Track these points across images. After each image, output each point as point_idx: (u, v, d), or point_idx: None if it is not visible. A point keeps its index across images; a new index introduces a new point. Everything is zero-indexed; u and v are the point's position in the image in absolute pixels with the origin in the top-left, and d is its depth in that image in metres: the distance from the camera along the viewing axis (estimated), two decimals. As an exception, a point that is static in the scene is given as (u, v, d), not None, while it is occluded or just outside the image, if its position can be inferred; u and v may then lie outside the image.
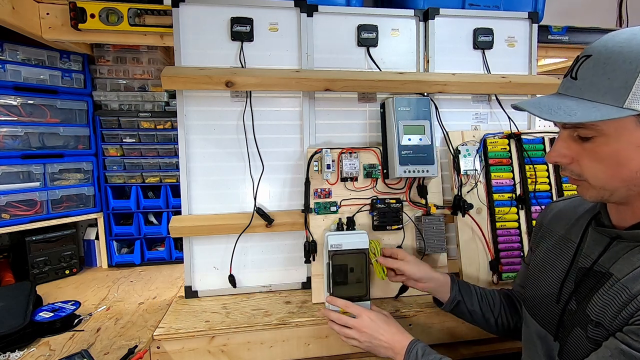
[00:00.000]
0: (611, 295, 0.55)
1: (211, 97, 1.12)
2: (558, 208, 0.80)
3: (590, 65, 0.54)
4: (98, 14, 1.17)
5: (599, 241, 0.63)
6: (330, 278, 0.97)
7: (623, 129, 0.52)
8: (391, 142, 1.08)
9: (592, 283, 0.60)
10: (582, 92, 0.55)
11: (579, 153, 0.57)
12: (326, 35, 1.17)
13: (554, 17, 1.46)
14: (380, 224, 1.09)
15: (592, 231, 0.66)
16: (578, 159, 0.58)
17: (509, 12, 1.27)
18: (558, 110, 0.55)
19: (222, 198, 1.14)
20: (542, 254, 0.76)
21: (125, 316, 1.03)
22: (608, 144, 0.54)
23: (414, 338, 0.80)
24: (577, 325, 0.60)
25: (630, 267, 0.54)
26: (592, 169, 0.56)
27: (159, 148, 1.45)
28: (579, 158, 0.57)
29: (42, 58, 1.31)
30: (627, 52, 0.51)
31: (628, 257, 0.56)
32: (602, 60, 0.53)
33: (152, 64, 1.43)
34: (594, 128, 0.54)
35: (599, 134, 0.54)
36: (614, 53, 0.52)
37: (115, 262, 1.45)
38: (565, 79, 0.59)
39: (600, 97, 0.52)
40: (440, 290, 0.91)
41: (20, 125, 1.25)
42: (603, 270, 0.59)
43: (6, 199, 1.22)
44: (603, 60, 0.53)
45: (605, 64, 0.52)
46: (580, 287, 0.63)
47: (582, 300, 0.61)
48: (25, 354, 0.85)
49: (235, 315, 1.01)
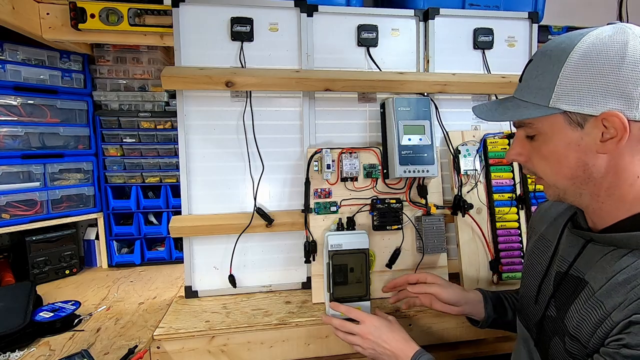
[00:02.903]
0: (587, 309, 0.55)
1: (211, 97, 1.12)
2: (544, 208, 0.80)
3: (529, 69, 0.58)
4: (98, 14, 1.17)
5: (573, 243, 0.63)
6: (330, 278, 0.97)
7: (555, 128, 0.55)
8: (391, 142, 1.08)
9: (570, 289, 0.60)
10: (522, 94, 0.59)
11: (530, 152, 0.61)
12: (326, 35, 1.17)
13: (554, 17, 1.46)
14: (380, 224, 1.09)
15: (568, 232, 0.66)
16: (530, 157, 0.61)
17: (509, 12, 1.27)
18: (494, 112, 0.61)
19: (222, 198, 1.14)
20: (528, 254, 0.77)
21: (125, 316, 1.03)
22: (547, 142, 0.57)
23: (420, 348, 0.77)
24: (556, 334, 0.60)
25: (604, 277, 0.54)
26: (540, 167, 0.60)
27: (159, 148, 1.45)
28: (531, 156, 0.61)
29: (42, 58, 1.31)
30: (554, 54, 0.54)
31: (602, 264, 0.56)
32: (537, 63, 0.57)
33: (152, 64, 1.43)
34: (533, 127, 0.57)
35: (538, 132, 0.57)
36: (544, 55, 0.56)
37: (115, 262, 1.45)
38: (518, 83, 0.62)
39: (532, 97, 0.56)
40: (474, 311, 0.87)
41: (20, 125, 1.25)
42: (580, 276, 0.59)
43: (6, 199, 1.22)
44: (537, 62, 0.57)
45: (538, 67, 0.56)
46: (558, 292, 0.62)
47: (561, 307, 0.61)
48: (25, 354, 0.85)
49: (235, 315, 1.01)
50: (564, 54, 0.52)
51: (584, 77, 0.51)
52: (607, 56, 0.50)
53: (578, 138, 0.54)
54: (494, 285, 1.13)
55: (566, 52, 0.52)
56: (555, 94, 0.53)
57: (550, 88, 0.53)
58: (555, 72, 0.53)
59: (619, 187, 0.55)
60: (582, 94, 0.51)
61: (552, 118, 0.54)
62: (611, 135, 0.51)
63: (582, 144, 0.54)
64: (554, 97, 0.53)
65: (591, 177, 0.55)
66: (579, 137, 0.53)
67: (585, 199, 0.58)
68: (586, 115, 0.52)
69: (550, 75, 0.53)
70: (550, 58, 0.54)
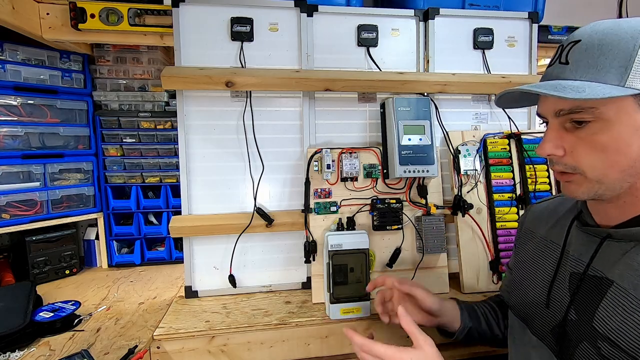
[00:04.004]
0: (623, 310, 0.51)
1: (211, 97, 1.12)
2: (538, 209, 0.77)
3: (582, 49, 0.52)
4: (98, 14, 1.17)
5: (586, 242, 0.60)
6: (330, 278, 0.97)
7: (623, 112, 0.50)
8: (391, 142, 1.08)
9: (591, 290, 0.56)
10: (579, 74, 0.52)
11: (574, 143, 0.54)
12: (326, 35, 1.17)
13: (554, 17, 1.46)
14: (380, 224, 1.09)
15: (577, 232, 0.63)
16: (572, 149, 0.54)
17: (509, 12, 1.27)
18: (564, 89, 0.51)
19: (222, 198, 1.14)
20: (525, 258, 0.74)
21: (125, 316, 1.03)
22: (606, 129, 0.51)
23: None
24: (583, 340, 0.55)
25: (635, 274, 0.51)
26: (589, 159, 0.53)
27: (159, 148, 1.45)
28: (574, 148, 0.54)
29: (42, 58, 1.31)
30: (621, 32, 0.50)
31: (626, 262, 0.52)
32: (596, 43, 0.51)
33: (152, 64, 1.43)
34: (594, 112, 0.51)
35: (597, 118, 0.51)
36: (606, 35, 0.51)
37: (115, 262, 1.45)
38: (553, 66, 0.56)
39: (602, 77, 0.50)
40: (450, 321, 0.81)
41: (20, 125, 1.25)
42: (600, 275, 0.56)
43: (6, 199, 1.22)
44: (597, 42, 0.51)
45: (601, 45, 0.51)
46: (577, 295, 0.58)
47: (584, 310, 0.56)
48: (25, 354, 0.85)
49: (235, 315, 1.01)
50: (635, 32, 0.49)
51: None
52: None
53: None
54: (494, 284, 1.13)
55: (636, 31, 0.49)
56: (633, 71, 0.48)
57: (625, 67, 0.48)
58: (630, 50, 0.48)
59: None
60: None
61: (621, 101, 0.49)
62: None
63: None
64: (631, 76, 0.48)
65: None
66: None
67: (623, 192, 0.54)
68: None
69: (624, 53, 0.49)
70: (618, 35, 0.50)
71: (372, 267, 1.10)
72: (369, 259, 1.01)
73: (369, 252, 1.01)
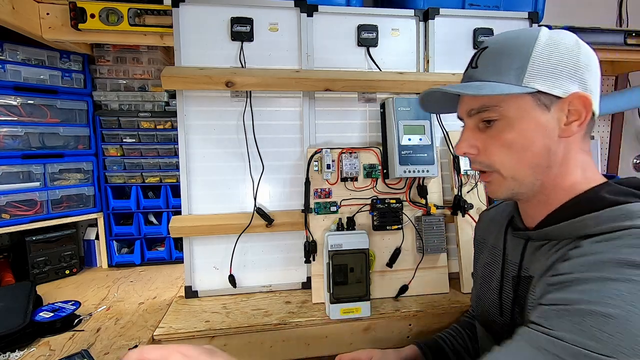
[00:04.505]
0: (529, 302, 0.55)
1: (211, 97, 1.12)
2: (488, 217, 0.79)
3: (489, 54, 0.58)
4: (98, 14, 1.17)
5: (516, 246, 0.64)
6: (330, 278, 0.97)
7: (523, 110, 0.55)
8: (391, 142, 1.08)
9: (525, 291, 0.59)
10: (486, 76, 0.57)
11: (485, 142, 0.58)
12: (326, 35, 1.17)
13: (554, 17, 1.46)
14: (380, 224, 1.09)
15: (510, 236, 0.67)
16: (485, 148, 0.59)
17: (509, 12, 1.27)
18: (465, 87, 0.57)
19: (222, 198, 1.14)
20: (480, 267, 0.75)
21: (125, 316, 1.03)
22: (512, 127, 0.55)
23: None
24: None
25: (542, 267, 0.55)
26: (499, 156, 0.57)
27: (159, 148, 1.45)
28: (486, 147, 0.58)
29: (42, 58, 1.31)
30: (520, 38, 0.55)
31: (538, 258, 0.57)
32: (500, 48, 0.57)
33: (152, 64, 1.43)
34: (498, 110, 0.56)
35: (502, 116, 0.56)
36: (509, 40, 0.57)
37: (115, 262, 1.45)
38: (467, 71, 0.61)
39: (502, 77, 0.55)
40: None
41: (20, 125, 1.25)
42: (528, 275, 0.59)
43: (6, 199, 1.22)
44: (500, 47, 0.57)
45: (503, 49, 0.56)
46: (517, 298, 0.61)
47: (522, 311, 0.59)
48: (25, 354, 0.85)
49: (235, 315, 1.01)
50: (531, 37, 0.55)
51: (553, 59, 0.53)
52: (567, 45, 0.54)
53: (545, 121, 0.54)
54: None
55: (532, 36, 0.55)
56: (528, 73, 0.53)
57: (522, 68, 0.54)
58: (526, 53, 0.54)
59: (562, 177, 0.56)
60: (553, 75, 0.53)
61: (521, 100, 0.54)
62: (574, 117, 0.54)
63: (548, 128, 0.54)
64: (527, 76, 0.53)
65: (550, 164, 0.56)
66: (546, 120, 0.54)
67: (536, 191, 0.58)
68: (553, 97, 0.54)
69: (521, 56, 0.54)
70: (516, 41, 0.55)
71: (372, 267, 1.10)
72: (369, 259, 1.01)
73: (369, 252, 1.01)
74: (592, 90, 0.54)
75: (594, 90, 0.55)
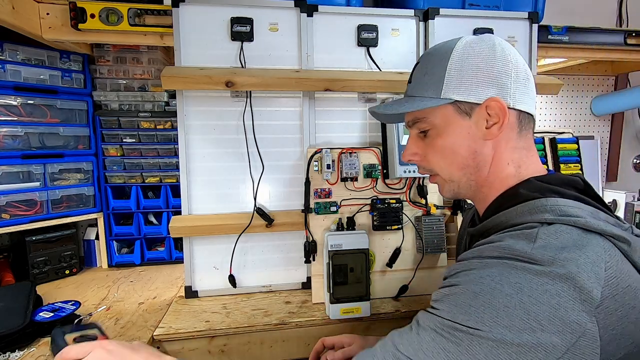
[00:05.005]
0: None
1: (211, 97, 1.12)
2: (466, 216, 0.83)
3: (418, 69, 0.65)
4: (98, 14, 1.16)
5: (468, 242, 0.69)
6: (330, 278, 0.97)
7: (447, 119, 0.60)
8: (391, 142, 1.08)
9: None
10: (413, 91, 0.64)
11: (424, 149, 0.65)
12: (326, 35, 1.17)
13: (554, 17, 1.46)
14: (380, 224, 1.09)
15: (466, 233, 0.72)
16: (425, 154, 0.65)
17: (509, 12, 1.27)
18: (390, 107, 0.65)
19: (222, 198, 1.14)
20: None
21: (125, 316, 1.03)
22: (441, 134, 0.61)
23: None
24: None
25: None
26: (436, 161, 0.63)
27: (159, 148, 1.45)
28: (426, 153, 0.65)
29: (42, 58, 1.31)
30: (439, 53, 0.61)
31: None
32: (424, 63, 0.64)
33: (152, 64, 1.43)
34: (427, 121, 0.62)
35: (432, 125, 0.62)
36: (430, 55, 0.63)
37: (115, 262, 1.45)
38: (407, 86, 0.68)
39: (424, 92, 0.62)
40: None
41: (20, 125, 1.25)
42: None
43: (6, 199, 1.22)
44: (424, 62, 0.64)
45: (426, 65, 0.63)
46: None
47: None
48: (25, 354, 0.85)
49: (235, 315, 1.01)
50: (448, 51, 0.60)
51: (466, 70, 0.58)
52: (481, 53, 0.58)
53: (467, 126, 0.59)
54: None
55: (449, 50, 0.60)
56: (445, 85, 0.59)
57: (440, 81, 0.59)
58: (443, 67, 0.59)
59: (494, 176, 0.61)
60: (467, 85, 0.58)
61: (444, 109, 0.60)
62: (494, 121, 0.58)
63: (471, 132, 0.59)
64: (444, 88, 0.59)
65: (479, 165, 0.60)
66: (468, 126, 0.59)
67: (474, 190, 0.63)
68: (472, 104, 0.59)
69: (439, 70, 0.60)
70: (436, 57, 0.61)
71: (372, 267, 1.10)
72: (369, 259, 1.01)
73: (369, 252, 1.01)
74: (512, 93, 0.58)
75: (516, 93, 0.58)
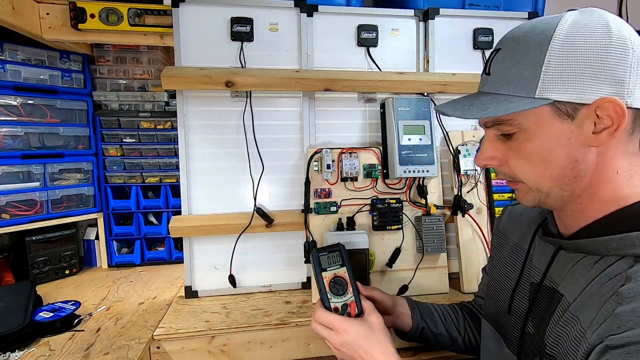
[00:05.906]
0: (563, 326, 0.50)
1: (211, 97, 1.12)
2: (514, 212, 0.73)
3: (500, 59, 0.51)
4: (98, 14, 1.17)
5: (544, 252, 0.58)
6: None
7: (541, 122, 0.48)
8: (391, 142, 1.08)
9: (546, 302, 0.55)
10: (496, 87, 0.51)
11: (506, 153, 0.53)
12: (326, 35, 1.17)
13: (554, 17, 1.46)
14: (380, 224, 1.09)
15: (539, 240, 0.61)
16: (506, 159, 0.54)
17: (509, 12, 1.27)
18: (471, 107, 0.52)
19: (222, 198, 1.14)
20: (498, 263, 0.71)
21: (125, 316, 1.03)
22: (531, 139, 0.50)
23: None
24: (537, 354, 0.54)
25: (578, 289, 0.49)
26: (521, 169, 0.52)
27: (159, 148, 1.45)
28: (507, 158, 0.54)
29: (42, 58, 1.31)
30: (533, 38, 0.48)
31: (573, 273, 0.52)
32: (510, 50, 0.50)
33: (152, 64, 1.43)
34: (513, 123, 0.50)
35: (519, 129, 0.50)
36: (519, 40, 0.49)
37: (115, 262, 1.45)
38: (482, 77, 0.55)
39: (512, 89, 0.49)
40: (402, 320, 0.78)
41: (20, 125, 1.25)
42: (554, 287, 0.54)
43: (6, 199, 1.22)
44: (511, 49, 0.50)
45: (514, 53, 0.49)
46: (534, 307, 0.57)
47: (539, 323, 0.55)
48: (25, 354, 0.85)
49: (235, 315, 1.01)
50: (546, 37, 0.46)
51: (572, 61, 0.45)
52: (592, 38, 0.45)
53: (569, 131, 0.47)
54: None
55: (548, 35, 0.46)
56: (542, 82, 0.46)
57: (534, 76, 0.47)
58: (539, 58, 0.46)
59: (598, 186, 0.50)
60: (572, 81, 0.45)
61: (538, 111, 0.48)
62: (605, 125, 0.46)
63: (572, 138, 0.48)
64: (541, 85, 0.46)
65: (578, 175, 0.49)
66: (569, 130, 0.47)
67: (566, 201, 0.52)
68: (577, 105, 0.46)
69: (533, 62, 0.47)
70: (528, 44, 0.48)
71: (372, 267, 1.10)
72: (369, 259, 1.01)
73: (369, 252, 1.01)
74: (631, 89, 0.45)
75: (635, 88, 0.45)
